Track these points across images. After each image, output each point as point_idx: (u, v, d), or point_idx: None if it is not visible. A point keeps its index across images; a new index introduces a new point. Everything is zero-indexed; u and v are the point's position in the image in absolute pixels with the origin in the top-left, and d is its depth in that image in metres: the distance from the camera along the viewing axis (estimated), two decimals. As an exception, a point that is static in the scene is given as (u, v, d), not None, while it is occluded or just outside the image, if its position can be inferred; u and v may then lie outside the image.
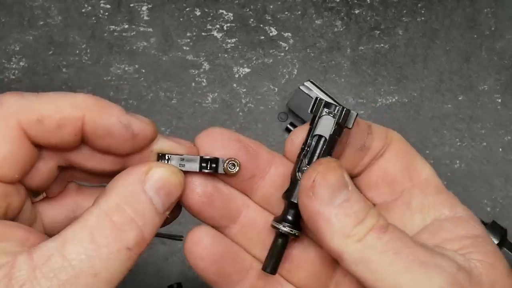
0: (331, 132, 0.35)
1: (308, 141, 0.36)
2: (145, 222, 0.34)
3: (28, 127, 0.33)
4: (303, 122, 0.61)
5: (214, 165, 0.37)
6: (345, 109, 0.35)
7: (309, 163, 0.36)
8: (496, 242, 0.57)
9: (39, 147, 0.35)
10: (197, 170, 0.37)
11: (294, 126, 0.62)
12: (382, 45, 0.65)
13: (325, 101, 0.35)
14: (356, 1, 0.66)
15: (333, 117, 0.35)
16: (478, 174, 0.61)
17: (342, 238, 0.33)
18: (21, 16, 0.64)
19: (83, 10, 0.65)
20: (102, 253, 0.32)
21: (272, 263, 0.37)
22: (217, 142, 0.37)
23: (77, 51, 0.64)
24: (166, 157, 0.37)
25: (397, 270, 0.32)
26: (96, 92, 0.63)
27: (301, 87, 0.60)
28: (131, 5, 0.65)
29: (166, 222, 0.36)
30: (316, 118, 0.36)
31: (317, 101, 0.35)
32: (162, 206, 0.35)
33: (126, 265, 0.33)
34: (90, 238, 0.32)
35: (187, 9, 0.65)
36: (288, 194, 0.36)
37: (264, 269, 0.37)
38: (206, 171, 0.37)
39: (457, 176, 0.61)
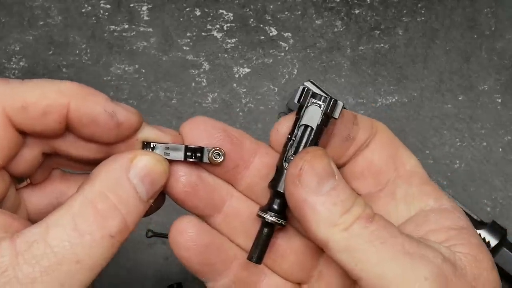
0: (318, 122, 0.36)
1: (295, 131, 0.36)
2: (129, 210, 0.34)
3: (13, 113, 0.33)
4: None
5: (199, 155, 0.37)
6: (332, 99, 0.36)
7: (295, 152, 0.36)
8: (496, 242, 0.57)
9: (24, 134, 0.35)
10: (182, 159, 0.37)
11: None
12: (382, 45, 0.65)
13: (312, 91, 0.36)
14: (356, 1, 0.66)
15: (320, 107, 0.36)
16: (478, 174, 0.61)
17: (329, 226, 0.33)
18: (21, 16, 0.64)
19: (83, 10, 0.65)
20: (85, 241, 0.32)
21: (258, 253, 0.37)
22: (201, 131, 0.38)
23: (77, 51, 0.64)
24: (151, 146, 0.37)
25: (382, 259, 0.32)
26: (96, 92, 0.63)
27: (301, 87, 0.60)
28: (131, 5, 0.65)
29: (150, 211, 0.36)
30: (303, 108, 0.36)
31: (305, 91, 0.35)
32: (146, 194, 0.35)
33: (109, 252, 0.33)
34: (73, 225, 0.32)
35: (187, 9, 0.65)
36: (274, 183, 0.36)
37: (249, 258, 0.37)
38: (191, 160, 0.37)
39: (457, 176, 0.61)
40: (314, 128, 0.36)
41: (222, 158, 0.37)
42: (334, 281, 0.38)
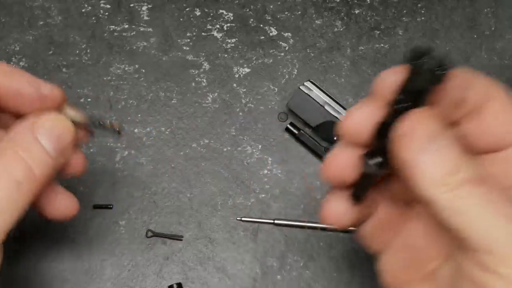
0: (429, 84, 0.33)
1: (403, 92, 0.34)
2: (35, 160, 0.37)
3: None
4: (303, 122, 0.61)
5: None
6: (445, 60, 0.32)
7: (402, 111, 0.34)
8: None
9: None
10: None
11: (294, 126, 0.62)
12: (382, 45, 0.65)
13: (425, 48, 0.33)
14: (356, 1, 0.66)
15: (432, 68, 0.32)
16: (478, 174, 0.61)
17: (436, 186, 0.32)
18: (21, 16, 0.64)
19: (83, 10, 0.65)
20: None
21: (360, 194, 0.37)
22: None
23: (77, 51, 0.64)
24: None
25: (494, 223, 0.31)
26: (96, 91, 0.63)
27: (301, 87, 0.60)
28: (131, 5, 0.65)
29: (70, 170, 0.42)
30: (413, 69, 0.33)
31: (416, 50, 0.33)
32: (53, 149, 0.38)
33: (19, 198, 0.36)
34: None
35: (187, 9, 0.65)
36: (379, 135, 0.35)
37: (352, 198, 0.37)
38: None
39: (457, 176, 0.61)
40: (424, 91, 0.33)
41: None
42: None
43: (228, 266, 0.59)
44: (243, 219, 0.59)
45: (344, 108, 0.60)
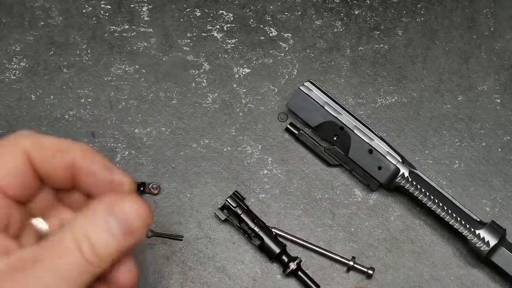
0: None
1: None
2: (102, 241, 0.37)
3: (31, 149, 0.38)
4: (303, 122, 0.61)
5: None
6: None
7: None
8: (495, 242, 0.57)
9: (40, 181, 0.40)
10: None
11: (294, 126, 0.62)
12: (381, 45, 0.65)
13: None
14: (356, 2, 0.66)
15: None
16: (477, 174, 0.61)
17: None
18: (22, 17, 0.64)
19: (83, 11, 0.65)
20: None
21: None
22: None
23: (78, 52, 0.64)
24: None
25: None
26: (97, 92, 0.63)
27: (301, 88, 0.61)
28: (132, 5, 0.65)
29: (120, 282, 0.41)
30: None
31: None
32: (123, 232, 0.38)
33: (83, 275, 0.36)
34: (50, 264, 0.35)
35: (187, 9, 0.65)
36: None
37: None
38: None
39: (456, 176, 0.61)
40: None
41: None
42: None
43: (228, 266, 0.59)
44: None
45: (344, 108, 0.60)
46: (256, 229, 0.58)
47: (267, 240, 0.58)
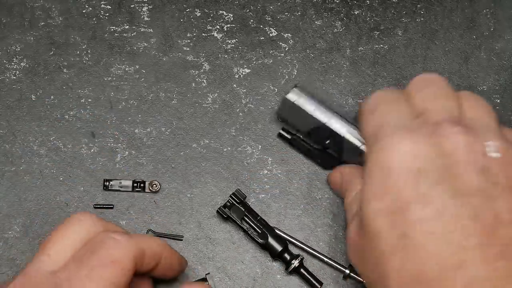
0: None
1: None
2: None
3: (137, 257, 0.47)
4: (296, 128, 0.60)
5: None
6: None
7: None
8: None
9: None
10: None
11: (287, 131, 0.61)
12: (381, 45, 0.65)
13: None
14: (355, 2, 0.66)
15: None
16: (477, 174, 0.61)
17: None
18: (22, 17, 0.64)
19: (84, 11, 0.65)
20: None
21: None
22: None
23: (78, 52, 0.64)
24: None
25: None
26: (97, 92, 0.63)
27: (287, 96, 0.58)
28: (132, 6, 0.65)
29: None
30: None
31: None
32: None
33: None
34: None
35: (188, 10, 0.65)
36: None
37: None
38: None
39: (456, 176, 0.61)
40: None
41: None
42: None
43: (228, 266, 0.59)
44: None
45: (335, 111, 0.58)
46: (260, 226, 0.58)
47: (270, 237, 0.58)
